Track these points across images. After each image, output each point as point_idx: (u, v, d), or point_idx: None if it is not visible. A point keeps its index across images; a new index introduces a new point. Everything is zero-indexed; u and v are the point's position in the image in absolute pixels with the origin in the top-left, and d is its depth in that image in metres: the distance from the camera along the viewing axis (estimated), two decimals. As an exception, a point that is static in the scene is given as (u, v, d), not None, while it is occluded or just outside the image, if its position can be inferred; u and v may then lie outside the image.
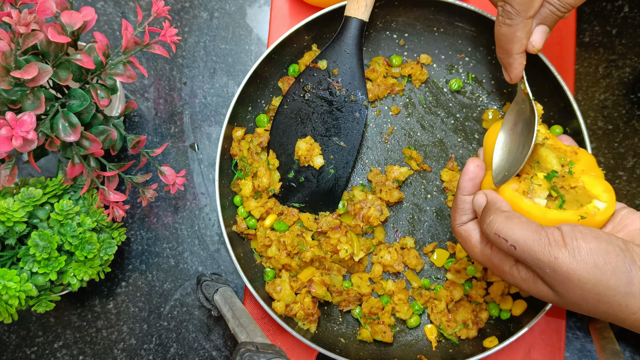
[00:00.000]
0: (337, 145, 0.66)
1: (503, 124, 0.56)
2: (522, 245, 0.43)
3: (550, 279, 0.43)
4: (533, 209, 0.48)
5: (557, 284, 0.43)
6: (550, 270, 0.42)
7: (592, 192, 0.49)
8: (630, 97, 0.72)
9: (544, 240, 0.43)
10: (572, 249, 0.42)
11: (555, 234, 0.43)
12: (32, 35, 0.47)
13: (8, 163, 0.51)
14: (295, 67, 0.69)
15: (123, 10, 0.74)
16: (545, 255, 0.42)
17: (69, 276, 0.56)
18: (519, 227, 0.44)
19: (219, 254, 0.71)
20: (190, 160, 0.72)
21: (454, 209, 0.54)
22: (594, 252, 0.41)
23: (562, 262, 0.42)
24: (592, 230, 0.43)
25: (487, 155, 0.55)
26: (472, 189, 0.53)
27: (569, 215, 0.48)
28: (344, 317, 0.68)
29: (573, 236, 0.42)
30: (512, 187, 0.50)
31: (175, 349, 0.69)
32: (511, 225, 0.45)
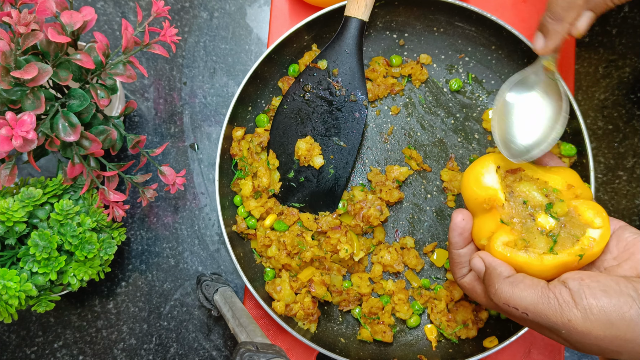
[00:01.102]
0: (337, 145, 0.66)
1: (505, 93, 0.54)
2: (533, 311, 0.43)
3: (566, 337, 0.43)
4: (529, 262, 0.47)
5: (574, 341, 0.43)
6: (566, 331, 0.42)
7: (584, 218, 0.48)
8: (630, 97, 0.72)
9: (553, 303, 0.43)
10: (583, 309, 0.41)
11: (564, 293, 0.43)
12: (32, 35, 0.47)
13: (8, 163, 0.51)
14: (295, 67, 0.69)
15: (123, 10, 0.74)
16: (558, 318, 0.42)
17: (69, 276, 0.56)
18: (526, 293, 0.44)
19: (219, 254, 0.71)
20: (190, 160, 0.72)
21: (452, 264, 0.54)
22: (606, 309, 0.41)
23: (576, 324, 0.42)
24: (599, 282, 0.42)
25: (469, 201, 0.53)
26: (464, 242, 0.53)
27: (567, 257, 0.47)
28: (344, 317, 0.68)
29: (582, 294, 0.42)
30: (501, 240, 0.49)
31: (175, 348, 0.69)
32: (518, 292, 0.44)
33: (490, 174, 0.52)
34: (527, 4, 0.72)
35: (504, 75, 0.69)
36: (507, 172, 0.52)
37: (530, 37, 0.70)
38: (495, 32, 0.65)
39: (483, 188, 0.51)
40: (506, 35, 0.65)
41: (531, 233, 0.49)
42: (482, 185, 0.52)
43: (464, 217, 0.52)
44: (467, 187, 0.53)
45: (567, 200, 0.50)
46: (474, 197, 0.52)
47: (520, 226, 0.49)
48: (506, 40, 0.65)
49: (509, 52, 0.67)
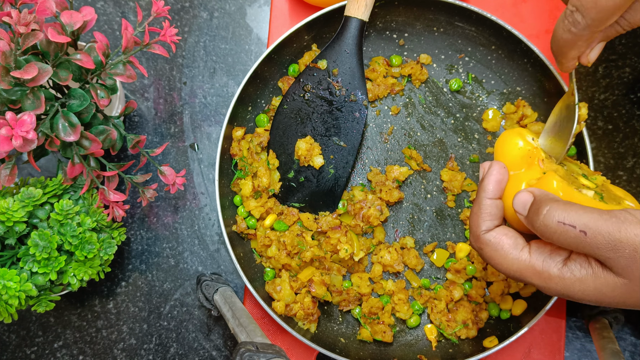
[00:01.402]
0: (337, 145, 0.66)
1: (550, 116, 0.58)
2: (594, 228, 0.39)
3: (626, 262, 0.39)
4: (585, 200, 0.45)
5: (637, 266, 0.39)
6: (630, 250, 0.38)
7: (618, 195, 0.49)
8: (630, 97, 0.72)
9: (615, 220, 0.39)
10: None
11: (624, 214, 0.39)
12: (32, 35, 0.47)
13: (8, 163, 0.51)
14: (295, 67, 0.69)
15: (123, 10, 0.74)
16: (624, 233, 0.38)
17: (69, 276, 0.56)
18: (583, 212, 0.40)
19: (219, 254, 0.71)
20: (190, 160, 0.72)
21: (476, 215, 0.48)
22: None
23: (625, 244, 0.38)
24: None
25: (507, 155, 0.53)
26: (498, 192, 0.48)
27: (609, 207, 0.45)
28: (344, 317, 0.68)
29: None
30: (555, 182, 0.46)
31: (175, 348, 0.69)
32: (574, 210, 0.40)
33: (530, 138, 0.53)
34: (527, 4, 0.72)
35: (504, 75, 0.69)
36: None
37: (531, 37, 0.70)
38: (495, 32, 0.65)
39: (527, 142, 0.52)
40: (506, 35, 0.65)
41: (577, 185, 0.47)
42: (526, 140, 0.52)
43: (504, 166, 0.49)
44: (510, 140, 0.52)
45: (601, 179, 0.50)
46: (515, 151, 0.51)
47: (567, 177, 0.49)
48: (506, 40, 0.65)
49: (509, 52, 0.67)
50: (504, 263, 0.45)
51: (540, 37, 0.72)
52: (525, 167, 0.51)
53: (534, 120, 0.67)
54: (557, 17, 0.72)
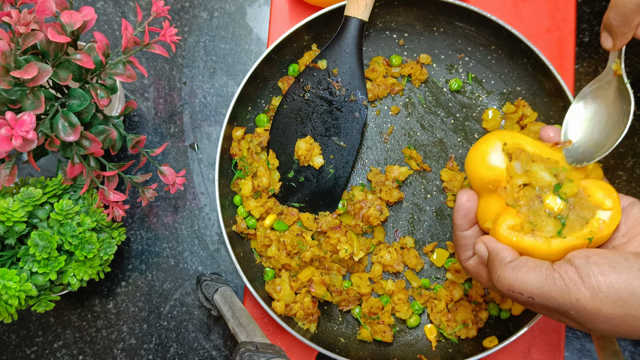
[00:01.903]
0: (337, 145, 0.66)
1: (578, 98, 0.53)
2: (539, 294, 0.41)
3: (575, 317, 0.41)
4: (535, 246, 0.45)
5: (584, 321, 0.41)
6: (575, 312, 0.41)
7: (594, 199, 0.46)
8: (630, 97, 0.72)
9: (559, 284, 0.41)
10: (591, 286, 0.39)
11: (570, 272, 0.41)
12: (31, 35, 0.47)
13: (8, 163, 0.51)
14: (295, 66, 0.69)
15: (123, 10, 0.74)
16: (566, 298, 0.40)
17: (69, 276, 0.56)
18: (530, 276, 0.42)
19: (218, 254, 0.71)
20: (190, 160, 0.72)
21: (456, 246, 0.52)
22: (615, 286, 0.39)
23: (584, 304, 0.40)
24: (607, 258, 0.41)
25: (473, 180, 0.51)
26: (469, 224, 0.51)
27: (575, 240, 0.45)
28: (344, 316, 0.68)
29: (589, 272, 0.40)
30: (507, 224, 0.46)
31: (175, 348, 0.69)
32: (521, 276, 0.42)
33: (496, 152, 0.49)
34: (527, 4, 0.72)
35: (503, 75, 0.69)
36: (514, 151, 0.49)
37: (531, 37, 0.70)
38: (495, 32, 0.65)
39: (488, 168, 0.49)
40: (506, 35, 0.65)
41: (538, 215, 0.46)
42: (487, 165, 0.49)
43: (468, 198, 0.50)
44: (472, 166, 0.50)
45: (577, 180, 0.47)
46: (478, 177, 0.49)
47: (527, 208, 0.47)
48: (506, 40, 0.65)
49: (509, 52, 0.67)
50: (488, 285, 0.50)
51: (540, 37, 0.72)
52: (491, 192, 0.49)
53: (533, 120, 0.67)
54: (557, 17, 0.72)
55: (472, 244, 0.51)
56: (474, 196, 0.50)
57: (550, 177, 0.48)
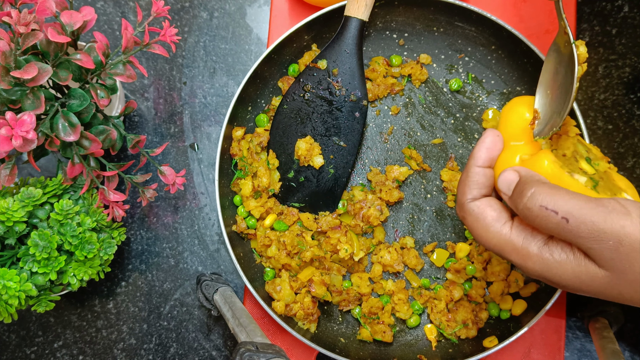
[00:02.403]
0: (337, 145, 0.66)
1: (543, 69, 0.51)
2: (578, 216, 0.37)
3: (609, 254, 0.36)
4: (575, 185, 0.42)
5: (620, 259, 0.36)
6: (614, 242, 0.36)
7: (617, 185, 0.45)
8: (630, 97, 0.72)
9: (601, 209, 0.36)
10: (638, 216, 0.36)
11: (613, 203, 0.37)
12: (32, 35, 0.47)
13: (8, 163, 0.51)
14: (295, 67, 0.69)
15: (123, 10, 0.74)
16: (609, 224, 0.36)
17: (69, 276, 0.56)
18: (569, 197, 0.38)
19: (218, 254, 0.71)
20: (190, 160, 0.72)
21: (463, 182, 0.46)
22: None
23: (631, 231, 0.35)
24: None
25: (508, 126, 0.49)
26: (488, 161, 0.46)
27: None
28: (344, 316, 0.68)
29: (636, 205, 0.36)
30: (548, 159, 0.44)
31: (175, 348, 0.69)
32: (559, 195, 0.38)
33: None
34: (527, 4, 0.72)
35: (503, 75, 0.69)
36: None
37: (531, 37, 0.70)
38: (495, 32, 0.65)
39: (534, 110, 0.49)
40: (506, 35, 0.65)
41: (575, 168, 0.44)
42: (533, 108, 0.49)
43: (498, 134, 0.46)
44: (517, 108, 0.49)
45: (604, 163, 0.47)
46: (518, 121, 0.48)
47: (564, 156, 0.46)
48: (506, 40, 0.65)
49: (509, 52, 0.67)
50: (484, 235, 0.44)
51: (540, 37, 0.72)
52: (525, 139, 0.47)
53: (534, 120, 0.67)
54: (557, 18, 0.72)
55: (484, 185, 0.45)
56: (502, 138, 0.47)
57: (583, 149, 0.47)
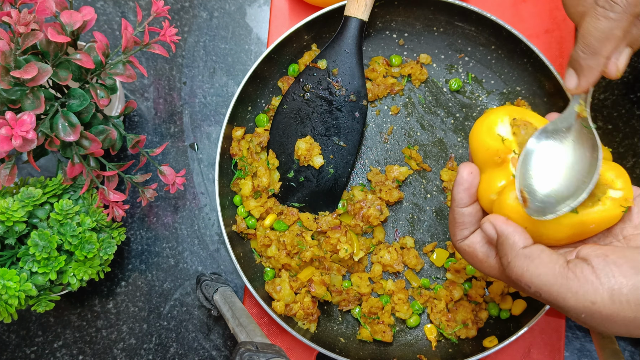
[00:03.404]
0: (336, 144, 0.66)
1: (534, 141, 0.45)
2: (549, 292, 0.38)
3: (586, 320, 0.38)
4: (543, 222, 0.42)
5: (595, 324, 0.38)
6: (587, 315, 0.37)
7: (605, 178, 0.43)
8: (630, 97, 0.72)
9: (574, 284, 0.37)
10: (610, 289, 0.36)
11: (587, 272, 0.37)
12: (31, 35, 0.47)
13: (8, 163, 0.51)
14: (295, 66, 0.69)
15: (123, 10, 0.74)
16: (580, 301, 0.37)
17: (69, 276, 0.56)
18: (543, 270, 0.39)
19: (218, 254, 0.71)
20: (190, 160, 0.72)
21: (452, 224, 0.47)
22: (637, 288, 0.35)
23: (601, 307, 0.36)
24: (626, 257, 0.37)
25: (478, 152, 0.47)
26: (469, 200, 0.46)
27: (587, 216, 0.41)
28: (344, 316, 0.68)
29: (608, 273, 0.36)
30: (514, 194, 0.43)
31: (175, 348, 0.69)
32: (534, 268, 0.39)
33: (504, 124, 0.46)
34: (527, 4, 0.72)
35: (503, 75, 0.69)
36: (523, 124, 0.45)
37: (531, 37, 0.70)
38: (495, 32, 0.65)
39: (495, 138, 0.45)
40: (506, 35, 0.65)
41: None
42: (494, 135, 0.45)
43: (471, 171, 0.46)
44: (478, 137, 0.46)
45: None
46: (484, 147, 0.46)
47: None
48: (506, 40, 0.65)
49: (509, 52, 0.67)
50: (480, 268, 0.46)
51: (540, 37, 0.72)
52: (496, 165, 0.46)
53: (533, 120, 0.67)
54: (557, 17, 0.72)
55: (470, 223, 0.46)
56: (477, 170, 0.46)
57: None
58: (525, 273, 0.39)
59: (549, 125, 0.46)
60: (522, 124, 0.46)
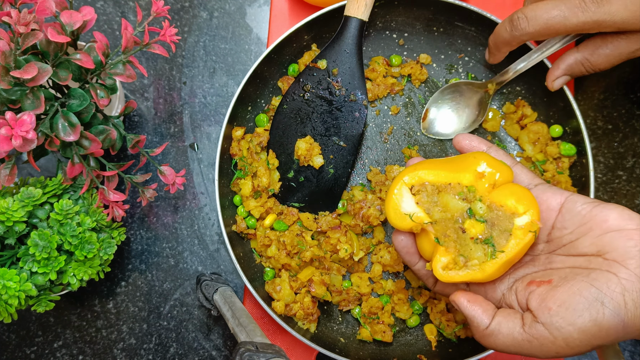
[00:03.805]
0: (336, 144, 0.66)
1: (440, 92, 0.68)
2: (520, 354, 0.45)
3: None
4: (473, 277, 0.47)
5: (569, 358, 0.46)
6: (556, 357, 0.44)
7: (508, 208, 0.46)
8: (630, 97, 0.72)
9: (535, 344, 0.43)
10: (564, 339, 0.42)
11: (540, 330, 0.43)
12: (31, 34, 0.47)
13: (8, 163, 0.51)
14: (295, 66, 0.69)
15: (123, 10, 0.74)
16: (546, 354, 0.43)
17: (69, 276, 0.56)
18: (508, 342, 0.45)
19: (218, 254, 0.71)
20: (190, 160, 0.72)
21: (420, 279, 0.57)
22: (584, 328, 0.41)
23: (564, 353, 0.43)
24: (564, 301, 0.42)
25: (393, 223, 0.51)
26: (416, 258, 0.54)
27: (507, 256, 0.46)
28: (344, 316, 0.68)
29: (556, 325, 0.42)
30: (441, 264, 0.48)
31: (175, 348, 0.69)
32: (500, 342, 0.45)
33: (406, 199, 0.49)
34: (526, 4, 0.72)
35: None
36: (421, 189, 0.49)
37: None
38: (495, 32, 0.65)
39: (403, 218, 0.49)
40: (506, 35, 0.65)
41: (466, 245, 0.48)
42: (402, 215, 0.49)
43: (402, 237, 0.53)
44: (391, 220, 0.50)
45: (485, 194, 0.47)
46: (402, 228, 0.50)
47: (454, 241, 0.48)
48: (506, 40, 0.65)
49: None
50: None
51: (540, 37, 0.72)
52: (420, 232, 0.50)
53: (533, 120, 0.67)
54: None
55: (430, 274, 0.54)
56: (407, 234, 0.53)
57: (460, 202, 0.48)
58: (496, 347, 0.46)
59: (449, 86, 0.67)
60: (421, 189, 0.49)
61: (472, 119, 0.68)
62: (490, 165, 0.48)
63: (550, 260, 0.47)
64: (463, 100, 0.68)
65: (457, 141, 0.53)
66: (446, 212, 0.48)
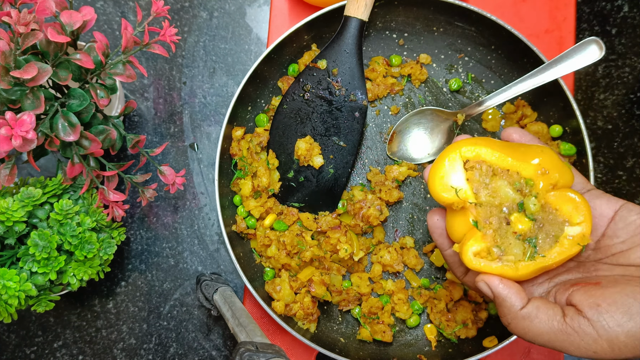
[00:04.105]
0: (336, 144, 0.66)
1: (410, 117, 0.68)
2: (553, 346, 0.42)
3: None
4: (503, 272, 0.44)
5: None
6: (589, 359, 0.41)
7: (562, 213, 0.43)
8: (630, 97, 0.72)
9: (575, 339, 0.40)
10: (609, 339, 0.39)
11: (584, 325, 0.40)
12: (31, 34, 0.47)
13: (8, 163, 0.51)
14: (294, 66, 0.69)
15: (123, 10, 0.74)
16: (583, 352, 0.40)
17: (69, 276, 0.56)
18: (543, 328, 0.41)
19: (218, 254, 0.71)
20: (189, 159, 0.72)
21: (448, 264, 0.52)
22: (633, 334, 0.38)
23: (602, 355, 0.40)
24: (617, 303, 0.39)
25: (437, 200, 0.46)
26: (450, 242, 0.50)
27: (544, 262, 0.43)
28: (344, 316, 0.68)
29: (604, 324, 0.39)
30: (473, 250, 0.44)
31: (175, 348, 0.69)
32: (534, 328, 0.42)
33: (456, 172, 0.45)
34: (527, 4, 0.72)
35: (503, 75, 0.69)
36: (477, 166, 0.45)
37: (530, 37, 0.70)
38: (495, 32, 0.65)
39: (448, 189, 0.45)
40: (506, 35, 0.65)
41: (506, 238, 0.44)
42: (446, 187, 0.45)
43: (438, 217, 0.50)
44: (433, 189, 0.46)
45: (543, 192, 0.44)
46: (441, 200, 0.46)
47: (494, 230, 0.45)
48: (506, 40, 0.65)
49: (509, 52, 0.67)
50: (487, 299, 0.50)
51: (540, 37, 0.72)
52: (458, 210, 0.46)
53: (533, 120, 0.67)
54: (557, 17, 0.72)
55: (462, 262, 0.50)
56: (442, 215, 0.49)
57: (514, 193, 0.44)
58: (527, 333, 0.42)
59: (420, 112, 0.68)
60: (476, 166, 0.45)
61: (439, 146, 0.68)
62: (555, 164, 0.44)
63: (596, 268, 0.45)
64: (430, 127, 0.68)
65: (507, 134, 0.50)
66: (495, 198, 0.45)
